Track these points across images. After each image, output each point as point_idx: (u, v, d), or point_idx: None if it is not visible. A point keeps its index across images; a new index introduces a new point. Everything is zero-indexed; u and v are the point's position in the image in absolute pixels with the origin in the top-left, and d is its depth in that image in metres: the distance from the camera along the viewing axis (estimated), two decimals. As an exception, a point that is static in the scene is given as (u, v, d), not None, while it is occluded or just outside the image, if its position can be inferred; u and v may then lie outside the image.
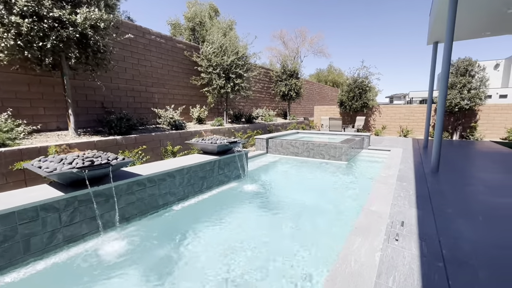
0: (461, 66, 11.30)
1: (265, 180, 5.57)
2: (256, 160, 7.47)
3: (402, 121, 13.55)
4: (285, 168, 6.74)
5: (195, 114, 8.66)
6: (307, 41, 25.96)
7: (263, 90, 13.92)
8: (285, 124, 12.72)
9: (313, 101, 21.65)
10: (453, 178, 4.92)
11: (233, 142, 4.83)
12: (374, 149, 8.73)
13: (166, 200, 3.74)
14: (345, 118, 15.11)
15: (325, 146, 7.21)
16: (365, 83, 13.60)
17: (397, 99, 64.00)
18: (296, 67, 13.72)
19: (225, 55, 8.36)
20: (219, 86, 8.55)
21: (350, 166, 6.68)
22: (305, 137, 9.99)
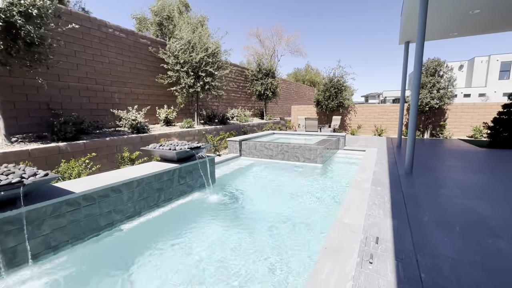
0: (430, 67, 11.59)
1: (235, 188, 5.12)
2: (228, 164, 7.00)
3: (377, 120, 13.73)
4: (258, 173, 6.33)
5: (162, 115, 8.00)
6: (284, 40, 25.88)
7: (238, 90, 13.45)
8: (261, 125, 12.35)
9: (290, 101, 21.54)
10: (426, 180, 4.79)
11: (195, 148, 4.32)
12: (349, 149, 8.60)
13: (110, 219, 3.17)
14: (321, 117, 15.07)
15: (299, 148, 6.91)
16: (341, 82, 13.61)
17: (372, 98, 66.41)
18: (272, 65, 13.40)
19: (193, 52, 7.79)
20: (187, 85, 7.97)
21: (325, 169, 6.42)
22: (281, 138, 9.68)
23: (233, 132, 9.20)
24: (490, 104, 11.78)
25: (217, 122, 10.01)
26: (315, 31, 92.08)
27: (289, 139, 9.56)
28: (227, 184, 5.33)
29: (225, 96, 12.18)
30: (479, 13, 6.17)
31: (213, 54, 8.05)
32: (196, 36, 7.97)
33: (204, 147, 4.51)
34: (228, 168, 6.60)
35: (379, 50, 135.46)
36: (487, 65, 37.20)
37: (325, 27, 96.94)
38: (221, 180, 5.47)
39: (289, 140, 9.53)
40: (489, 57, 36.67)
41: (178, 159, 4.25)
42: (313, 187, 5.00)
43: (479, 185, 4.54)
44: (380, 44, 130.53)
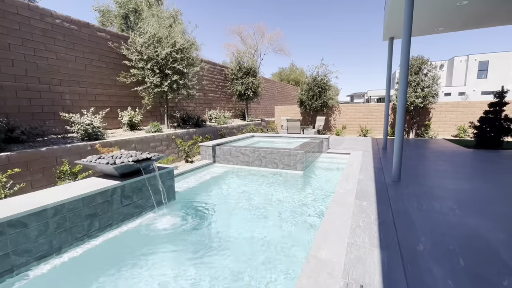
0: (414, 65, 11.27)
1: (199, 205, 4.36)
2: (198, 173, 6.22)
3: (362, 120, 13.33)
4: (231, 184, 5.59)
5: (124, 118, 7.10)
6: (266, 37, 25.26)
7: (217, 90, 12.66)
8: (242, 127, 11.62)
9: (275, 101, 20.94)
10: (417, 190, 4.22)
11: (143, 160, 3.53)
12: (333, 152, 8.03)
13: (8, 264, 2.34)
14: (306, 118, 14.53)
15: (278, 153, 6.23)
16: (324, 81, 13.10)
17: (357, 97, 67.23)
18: (253, 64, 12.70)
19: (160, 47, 6.94)
20: (153, 84, 7.11)
21: (306, 177, 5.77)
22: (261, 142, 8.99)
23: (208, 136, 8.42)
24: (473, 103, 11.61)
25: (191, 125, 9.19)
26: (298, 30, 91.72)
27: (269, 143, 8.89)
28: (191, 200, 4.55)
29: (202, 97, 11.37)
30: (467, 4, 5.72)
31: (181, 50, 7.23)
32: (163, 29, 7.13)
33: (158, 157, 3.72)
34: (196, 178, 5.82)
35: (364, 49, 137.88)
36: (466, 64, 38.23)
37: (308, 26, 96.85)
38: (184, 195, 4.69)
39: (269, 143, 8.86)
40: (468, 56, 37.70)
41: (121, 175, 3.45)
42: (290, 203, 4.31)
43: (474, 196, 4.01)
44: (365, 42, 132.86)
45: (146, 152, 3.79)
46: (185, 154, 7.27)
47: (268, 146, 7.64)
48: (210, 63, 11.95)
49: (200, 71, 11.15)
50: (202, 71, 11.31)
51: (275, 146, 8.43)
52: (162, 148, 7.02)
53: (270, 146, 8.11)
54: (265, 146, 7.81)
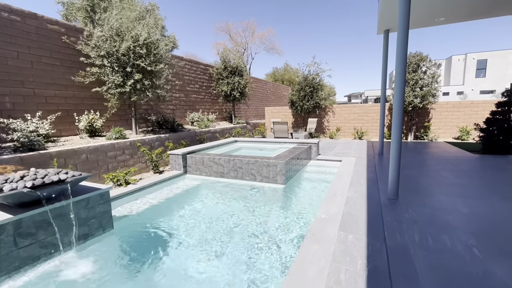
0: (412, 62, 10.43)
1: (147, 233, 3.45)
2: (163, 187, 5.30)
3: (357, 122, 12.47)
4: (196, 202, 4.68)
5: (81, 123, 6.18)
6: (257, 35, 24.34)
7: (201, 90, 11.76)
8: (226, 130, 10.72)
9: (267, 102, 20.07)
10: (419, 213, 3.33)
11: (51, 184, 2.61)
12: (323, 159, 7.14)
13: None
14: (297, 120, 13.66)
15: (255, 163, 5.33)
16: (316, 80, 12.23)
17: (355, 98, 66.51)
18: (239, 62, 11.80)
19: (119, 41, 6.04)
20: (114, 84, 6.20)
21: (286, 193, 4.87)
22: (243, 148, 8.10)
23: (183, 142, 7.51)
24: (476, 102, 10.77)
25: (167, 130, 8.27)
26: (291, 30, 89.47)
27: (251, 149, 8.00)
28: (138, 227, 3.64)
29: (183, 98, 10.47)
30: (474, -13, 4.88)
31: (146, 45, 6.31)
32: (127, 22, 6.22)
33: (76, 179, 2.80)
34: (156, 195, 4.90)
35: (360, 47, 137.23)
36: (464, 63, 37.59)
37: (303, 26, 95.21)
38: (130, 221, 3.78)
39: (252, 150, 7.97)
40: (466, 55, 37.06)
41: (20, 204, 2.53)
42: (256, 237, 3.40)
43: (495, 224, 3.12)
44: (362, 39, 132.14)
45: (63, 171, 2.87)
46: (153, 164, 6.35)
47: (249, 153, 6.75)
48: (192, 61, 11.05)
49: (179, 70, 10.27)
50: (182, 70, 10.42)
51: (258, 153, 7.56)
52: (124, 158, 6.10)
53: (251, 153, 7.23)
54: (244, 154, 6.92)
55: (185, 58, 10.62)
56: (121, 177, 4.99)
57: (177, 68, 10.09)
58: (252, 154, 7.44)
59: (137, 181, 5.29)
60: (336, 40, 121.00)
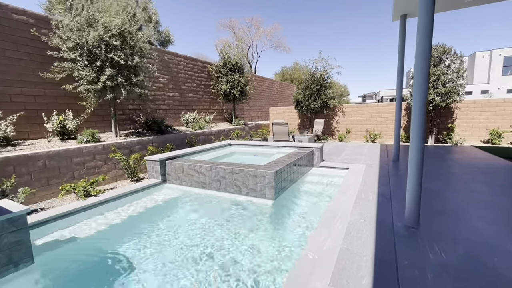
0: (434, 54, 9.18)
1: (87, 271, 2.64)
2: (136, 200, 4.51)
3: (369, 123, 11.29)
4: (169, 222, 3.84)
5: (50, 124, 5.52)
6: (263, 32, 23.30)
7: (199, 89, 11.00)
8: (224, 132, 9.88)
9: (274, 102, 19.11)
10: (450, 253, 2.31)
11: None
12: (327, 166, 6.15)
13: None
14: (304, 121, 12.64)
15: (240, 173, 4.43)
16: (324, 77, 11.18)
17: (369, 98, 64.10)
18: (239, 58, 10.95)
19: (89, 30, 5.32)
20: (86, 80, 5.49)
21: (274, 213, 3.94)
22: (236, 153, 7.23)
23: (168, 145, 6.73)
24: (509, 101, 9.34)
25: (154, 132, 7.53)
26: (301, 29, 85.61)
27: (244, 154, 7.11)
28: (69, 259, 2.83)
29: (178, 97, 9.74)
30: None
31: (121, 35, 5.57)
32: (98, 6, 5.49)
33: None
34: (121, 212, 4.10)
35: (375, 45, 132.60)
36: (489, 60, 34.99)
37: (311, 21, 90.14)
38: (65, 252, 2.98)
39: (244, 154, 7.08)
40: (491, 51, 34.48)
41: None
42: (239, 278, 2.50)
43: None
44: (377, 38, 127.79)
45: None
46: (130, 171, 5.59)
47: (241, 159, 5.88)
48: (188, 58, 10.31)
49: (174, 68, 9.54)
50: (177, 68, 9.69)
51: (251, 159, 6.67)
52: (95, 164, 5.37)
53: (244, 159, 6.36)
54: (236, 159, 6.07)
55: (180, 55, 9.90)
56: (81, 187, 4.24)
57: (170, 64, 9.38)
58: (245, 160, 6.56)
59: (102, 192, 4.53)
60: (350, 39, 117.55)
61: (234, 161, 6.46)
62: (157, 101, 8.89)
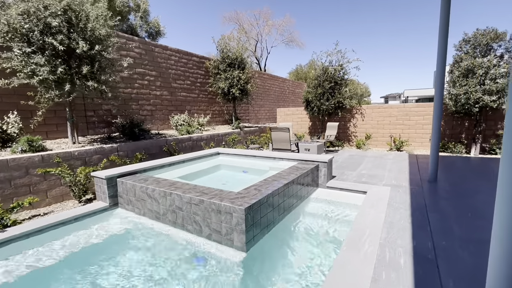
0: (481, 42, 7.23)
1: None
2: (61, 238, 3.23)
3: (394, 127, 9.44)
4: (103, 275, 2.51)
5: (-18, 130, 4.41)
6: (272, 25, 21.49)
7: (195, 88, 9.74)
8: (218, 137, 8.52)
9: (285, 102, 17.53)
10: None
11: None
12: (337, 188, 4.57)
13: None
14: (315, 124, 10.99)
15: (200, 204, 3.00)
16: (339, 74, 9.49)
17: (392, 99, 60.14)
18: (239, 52, 9.54)
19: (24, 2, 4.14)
20: (24, 73, 4.33)
21: (244, 279, 2.46)
22: (222, 166, 5.82)
23: (139, 155, 5.45)
24: None
25: (127, 137, 6.31)
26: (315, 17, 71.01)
27: (234, 169, 5.68)
28: None
29: (167, 97, 8.52)
30: None
31: (66, 15, 4.33)
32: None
33: None
34: (28, 258, 2.82)
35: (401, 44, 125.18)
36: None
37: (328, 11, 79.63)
38: None
39: (235, 169, 5.65)
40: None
41: None
42: None
43: None
44: (401, 38, 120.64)
45: None
46: (77, 189, 4.36)
47: (226, 176, 4.48)
48: (181, 52, 9.08)
49: (162, 63, 8.33)
50: (166, 63, 8.47)
51: (237, 177, 5.27)
52: (30, 181, 4.18)
53: (229, 176, 4.98)
54: (220, 175, 4.70)
55: (171, 48, 8.68)
56: None
57: (158, 59, 8.18)
58: (231, 178, 5.15)
59: (29, 219, 3.29)
60: (370, 36, 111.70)
61: (214, 179, 5.11)
62: (141, 101, 7.71)
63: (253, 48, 22.22)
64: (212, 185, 3.49)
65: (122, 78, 7.11)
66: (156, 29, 9.89)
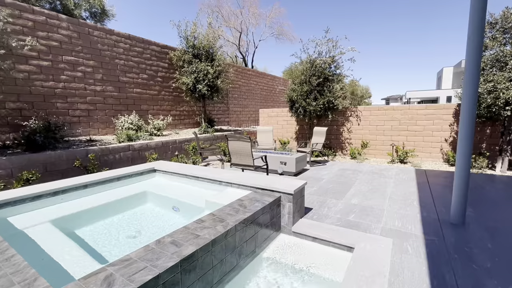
0: None
1: None
2: None
3: (396, 133, 7.70)
4: None
5: None
6: (259, 15, 19.51)
7: (155, 83, 8.03)
8: (174, 144, 6.79)
9: (274, 103, 15.82)
10: None
11: None
12: (306, 235, 2.85)
13: None
14: (303, 128, 9.26)
15: None
16: (330, 68, 7.78)
17: (394, 101, 58.21)
18: (209, 39, 7.82)
19: None
20: None
21: None
22: (148, 194, 4.06)
23: (24, 175, 3.72)
24: None
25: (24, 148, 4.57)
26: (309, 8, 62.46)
27: (162, 199, 3.92)
28: None
29: (113, 93, 6.79)
30: None
31: None
32: None
33: None
34: None
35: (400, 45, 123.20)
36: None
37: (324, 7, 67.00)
38: None
39: (165, 198, 3.90)
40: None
41: None
42: None
43: None
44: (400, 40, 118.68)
45: None
46: None
47: (146, 212, 2.76)
48: (134, 39, 7.37)
49: (105, 50, 6.54)
50: (111, 51, 6.71)
51: (164, 216, 3.56)
52: None
53: (152, 214, 3.28)
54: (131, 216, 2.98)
55: (118, 33, 6.97)
56: None
57: (98, 45, 6.47)
58: (158, 216, 3.47)
59: None
60: (375, 33, 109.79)
61: (123, 223, 3.32)
62: (71, 97, 6.00)
63: (237, 41, 20.36)
64: (100, 239, 1.77)
65: (40, 68, 5.41)
66: (100, 7, 8.07)
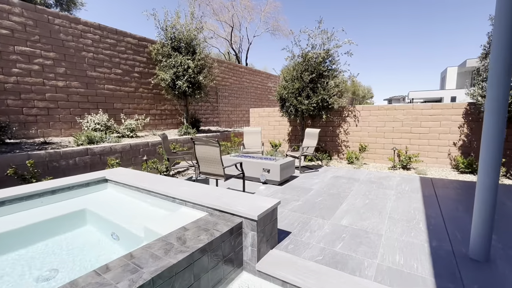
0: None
1: None
2: None
3: (399, 135, 6.89)
4: None
5: None
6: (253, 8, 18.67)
7: (131, 79, 7.29)
8: (148, 147, 6.03)
9: (270, 102, 15.03)
10: None
11: None
12: (274, 277, 2.05)
13: None
14: (297, 129, 8.47)
15: None
16: (325, 62, 6.99)
17: (396, 101, 57.16)
18: (188, 30, 7.06)
19: None
20: None
21: None
22: (91, 213, 3.28)
23: None
24: None
25: None
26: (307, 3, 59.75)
27: (104, 220, 3.15)
28: None
29: (79, 89, 6.04)
30: None
31: None
32: None
33: None
34: None
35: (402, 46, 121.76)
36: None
37: None
38: None
39: (105, 222, 3.13)
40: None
41: None
42: None
43: None
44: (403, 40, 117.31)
45: None
46: None
47: (86, 234, 1.97)
48: (106, 29, 6.62)
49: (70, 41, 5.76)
50: (77, 42, 5.91)
51: (101, 242, 2.74)
52: None
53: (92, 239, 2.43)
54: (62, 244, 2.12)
55: (85, 22, 6.21)
56: None
57: (61, 34, 5.72)
58: (95, 243, 2.64)
59: None
60: (376, 36, 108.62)
61: (34, 262, 2.54)
62: (25, 93, 5.26)
63: (229, 36, 19.47)
64: None
65: (-15, 59, 4.67)
66: None
